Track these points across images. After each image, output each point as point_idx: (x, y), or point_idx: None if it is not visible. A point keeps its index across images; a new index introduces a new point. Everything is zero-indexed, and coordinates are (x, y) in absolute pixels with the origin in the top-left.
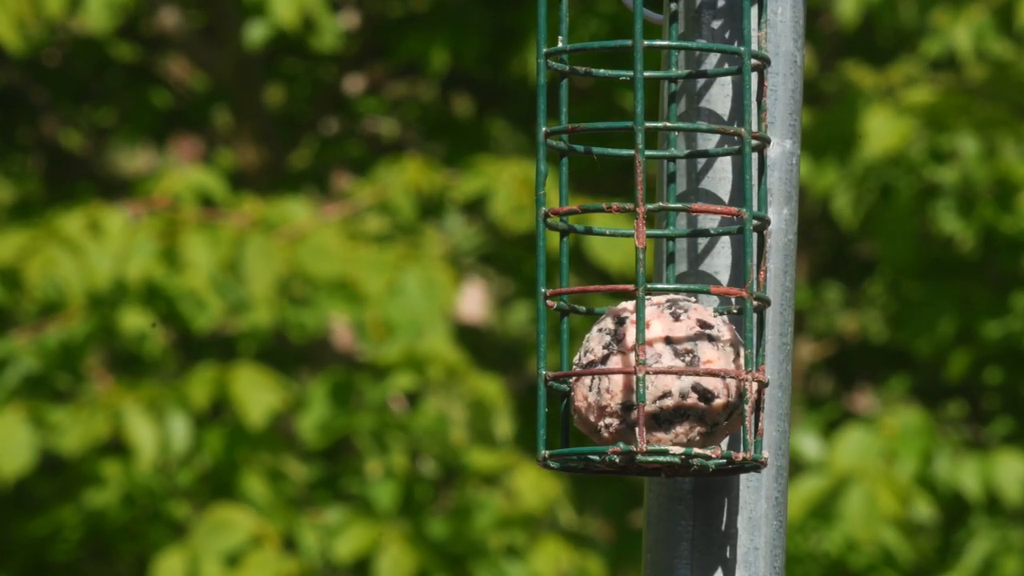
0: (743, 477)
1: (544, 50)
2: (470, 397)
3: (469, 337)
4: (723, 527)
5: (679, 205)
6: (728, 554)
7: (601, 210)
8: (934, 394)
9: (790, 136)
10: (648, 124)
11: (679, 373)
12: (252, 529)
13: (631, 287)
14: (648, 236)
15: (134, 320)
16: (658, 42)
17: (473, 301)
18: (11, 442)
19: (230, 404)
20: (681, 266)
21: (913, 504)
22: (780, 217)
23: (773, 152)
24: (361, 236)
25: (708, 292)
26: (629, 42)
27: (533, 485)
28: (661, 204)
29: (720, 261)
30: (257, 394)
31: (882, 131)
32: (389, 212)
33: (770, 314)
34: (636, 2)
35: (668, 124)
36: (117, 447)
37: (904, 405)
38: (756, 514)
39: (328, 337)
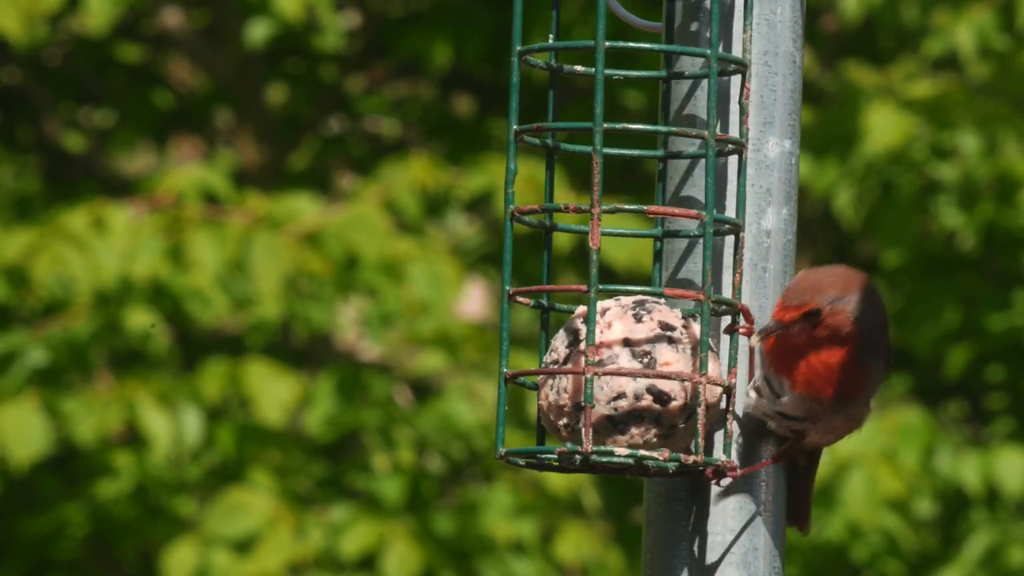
0: (743, 477)
1: (518, 48)
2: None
3: None
4: (722, 527)
5: (634, 207)
6: (727, 554)
7: (560, 210)
8: (935, 394)
9: (789, 136)
10: (606, 125)
11: (631, 375)
12: (267, 512)
13: (583, 288)
14: (635, 236)
15: (140, 318)
16: (620, 43)
17: (475, 301)
18: (24, 430)
19: (242, 399)
20: (666, 268)
21: (915, 490)
22: (780, 217)
23: (773, 152)
24: None
25: (662, 295)
26: (592, 43)
27: None
28: (615, 205)
29: (697, 264)
30: (270, 388)
31: (884, 128)
32: (394, 211)
33: (769, 314)
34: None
35: (628, 125)
36: (128, 443)
37: (905, 405)
38: (755, 514)
39: (331, 336)
